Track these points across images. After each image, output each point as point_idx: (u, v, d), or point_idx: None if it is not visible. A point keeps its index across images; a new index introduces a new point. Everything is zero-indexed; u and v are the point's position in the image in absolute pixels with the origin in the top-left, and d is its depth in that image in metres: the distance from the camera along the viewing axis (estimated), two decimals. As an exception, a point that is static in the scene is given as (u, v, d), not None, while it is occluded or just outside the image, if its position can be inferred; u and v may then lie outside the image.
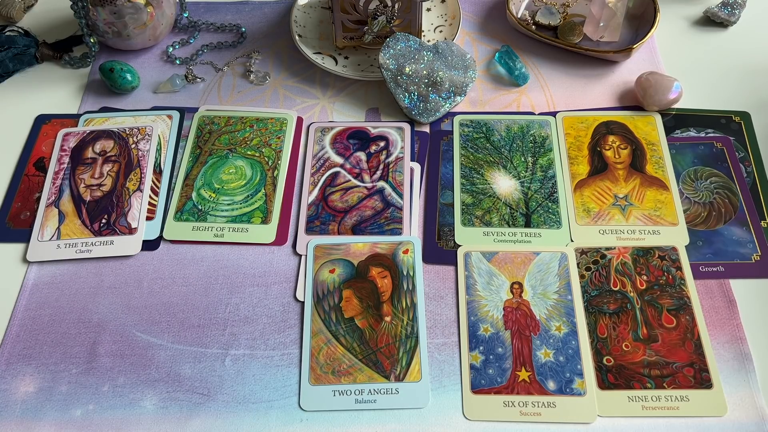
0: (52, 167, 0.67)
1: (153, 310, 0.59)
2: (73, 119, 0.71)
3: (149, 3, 0.73)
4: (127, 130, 0.70)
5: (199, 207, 0.64)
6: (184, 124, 0.71)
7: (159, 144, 0.69)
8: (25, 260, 0.62)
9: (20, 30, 0.77)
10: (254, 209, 0.64)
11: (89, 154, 0.68)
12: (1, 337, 0.57)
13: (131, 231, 0.63)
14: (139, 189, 0.65)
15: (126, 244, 0.62)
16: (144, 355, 0.56)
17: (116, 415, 0.53)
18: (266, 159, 0.68)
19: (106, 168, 0.67)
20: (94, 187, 0.65)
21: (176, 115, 0.71)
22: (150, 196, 0.65)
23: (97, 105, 0.73)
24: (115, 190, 0.65)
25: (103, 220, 0.63)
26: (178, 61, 0.77)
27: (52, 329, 0.58)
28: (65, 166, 0.67)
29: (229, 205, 0.64)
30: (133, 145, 0.68)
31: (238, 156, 0.68)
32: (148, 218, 0.64)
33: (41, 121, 0.72)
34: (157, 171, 0.67)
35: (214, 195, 0.65)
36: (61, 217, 0.64)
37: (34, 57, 0.76)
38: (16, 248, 0.63)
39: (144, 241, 0.62)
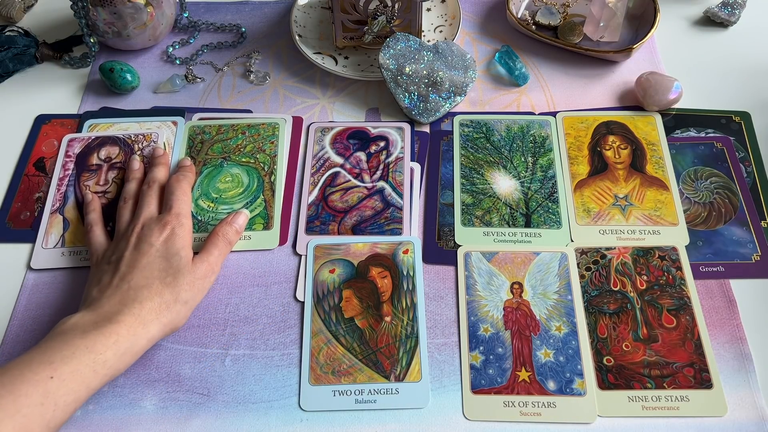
0: (57, 173, 0.67)
1: (153, 310, 0.59)
2: (73, 119, 0.72)
3: (149, 3, 0.73)
4: (132, 136, 0.69)
5: (199, 218, 0.64)
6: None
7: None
8: (26, 263, 0.62)
9: (20, 30, 0.77)
10: (255, 216, 0.64)
11: (94, 160, 0.68)
12: (1, 337, 0.57)
13: None
14: None
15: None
16: (144, 355, 0.56)
17: (116, 415, 0.53)
18: (261, 165, 0.67)
19: (111, 175, 0.67)
20: (100, 194, 0.65)
21: (181, 121, 0.71)
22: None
23: (97, 105, 0.73)
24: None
25: (109, 228, 0.63)
26: (178, 61, 0.77)
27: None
28: (70, 172, 0.67)
29: (228, 213, 0.64)
30: (138, 152, 0.68)
31: (233, 164, 0.67)
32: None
33: (41, 121, 0.72)
34: None
35: (212, 205, 0.65)
36: (66, 224, 0.63)
37: (34, 57, 0.76)
38: (16, 248, 0.63)
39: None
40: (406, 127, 0.70)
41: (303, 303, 0.59)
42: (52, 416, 0.44)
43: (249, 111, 0.72)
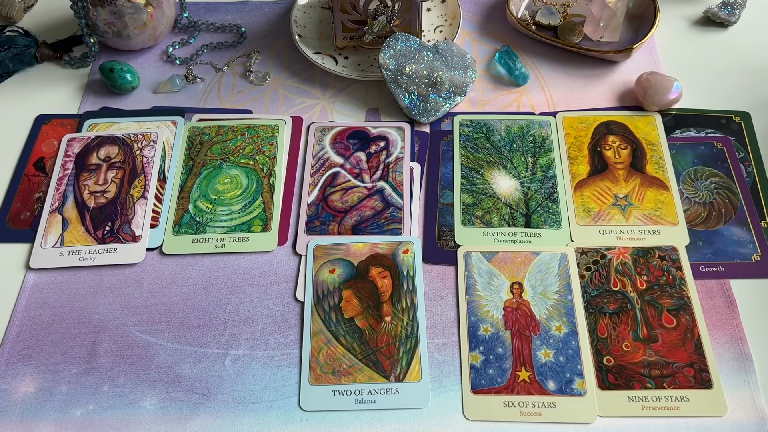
0: (56, 173, 0.67)
1: (153, 310, 0.59)
2: (73, 119, 0.72)
3: (149, 3, 0.73)
4: (131, 136, 0.69)
5: (197, 219, 0.64)
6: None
7: (164, 150, 0.69)
8: (26, 263, 0.62)
9: (20, 30, 0.77)
10: (253, 218, 0.64)
11: (94, 160, 0.68)
12: (1, 337, 0.57)
13: (135, 239, 0.62)
14: (143, 196, 0.65)
15: (129, 253, 0.61)
16: (144, 356, 0.56)
17: (116, 415, 0.53)
18: (261, 167, 0.67)
19: (111, 174, 0.67)
20: (98, 194, 0.65)
21: (181, 121, 0.71)
22: (154, 204, 0.65)
23: (97, 105, 0.73)
24: (119, 196, 0.65)
25: (107, 228, 0.63)
26: (178, 61, 0.77)
27: (52, 329, 0.58)
28: (69, 172, 0.67)
29: (227, 215, 0.64)
30: (137, 152, 0.68)
31: (231, 165, 0.67)
32: (152, 225, 0.63)
33: (41, 121, 0.72)
34: (161, 178, 0.67)
35: (211, 206, 0.64)
36: (65, 223, 0.63)
37: (34, 57, 0.76)
38: (17, 248, 0.63)
39: (147, 249, 0.62)
40: (406, 127, 0.70)
41: (303, 303, 0.59)
42: None
43: (249, 111, 0.72)
